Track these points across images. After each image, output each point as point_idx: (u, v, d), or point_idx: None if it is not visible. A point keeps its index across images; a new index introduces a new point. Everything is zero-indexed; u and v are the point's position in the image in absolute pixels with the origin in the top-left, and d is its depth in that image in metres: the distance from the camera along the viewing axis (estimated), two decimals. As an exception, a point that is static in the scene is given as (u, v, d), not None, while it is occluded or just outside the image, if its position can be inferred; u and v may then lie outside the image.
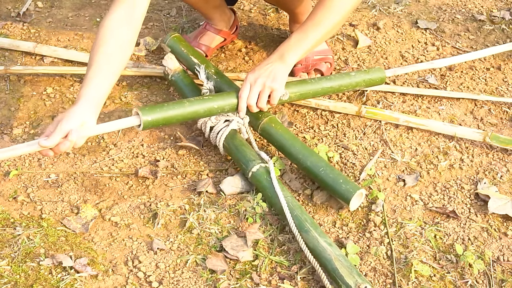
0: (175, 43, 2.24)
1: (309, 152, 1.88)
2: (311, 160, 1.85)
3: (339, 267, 1.56)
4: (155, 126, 1.82)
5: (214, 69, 2.12)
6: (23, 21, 2.64)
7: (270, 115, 1.98)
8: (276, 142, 1.94)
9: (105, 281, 1.65)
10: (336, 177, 1.80)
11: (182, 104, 1.84)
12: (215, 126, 1.96)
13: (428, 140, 2.05)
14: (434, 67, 2.28)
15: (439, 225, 1.78)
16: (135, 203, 1.86)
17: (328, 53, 2.32)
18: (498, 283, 1.63)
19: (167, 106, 1.82)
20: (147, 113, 1.77)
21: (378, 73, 2.13)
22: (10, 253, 1.71)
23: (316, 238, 1.64)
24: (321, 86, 2.04)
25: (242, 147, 1.90)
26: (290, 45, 1.91)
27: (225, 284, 1.63)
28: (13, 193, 1.89)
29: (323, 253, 1.61)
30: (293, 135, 1.94)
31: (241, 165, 1.88)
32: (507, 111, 2.16)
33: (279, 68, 1.90)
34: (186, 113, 1.84)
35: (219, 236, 1.76)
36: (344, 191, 1.77)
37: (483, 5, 2.70)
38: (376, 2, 2.72)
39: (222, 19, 2.38)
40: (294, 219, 1.69)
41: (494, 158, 1.98)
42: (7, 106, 2.22)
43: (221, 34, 2.41)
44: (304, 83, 2.03)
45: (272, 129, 1.95)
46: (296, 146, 1.89)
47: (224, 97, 1.91)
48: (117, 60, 1.79)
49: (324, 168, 1.82)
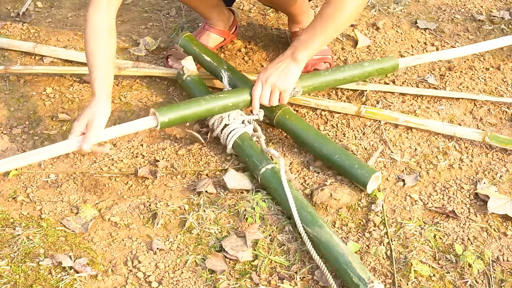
0: (187, 42, 2.27)
1: (324, 141, 1.95)
2: (327, 148, 1.93)
3: (352, 261, 1.58)
4: (171, 125, 1.92)
5: (227, 65, 2.18)
6: (22, 21, 2.64)
7: (284, 107, 2.03)
8: (292, 133, 2.02)
9: (104, 281, 1.65)
10: (352, 163, 1.87)
11: (198, 102, 1.94)
12: (230, 124, 1.98)
13: (427, 140, 2.05)
14: (444, 58, 2.30)
15: (438, 225, 1.78)
16: (134, 203, 1.86)
17: (327, 53, 2.33)
18: (498, 283, 1.63)
19: (183, 105, 1.92)
20: (164, 113, 1.87)
21: (390, 62, 2.17)
22: (10, 253, 1.71)
23: (330, 234, 1.66)
24: (334, 77, 2.09)
25: (254, 146, 1.93)
26: (301, 43, 1.96)
27: (224, 284, 1.63)
28: (13, 193, 1.89)
29: (336, 247, 1.62)
30: (307, 125, 2.01)
31: (251, 165, 1.90)
32: (506, 111, 2.16)
33: (290, 67, 1.97)
34: (201, 111, 1.94)
35: (218, 236, 1.76)
36: (360, 175, 1.84)
37: (483, 5, 2.70)
38: (375, 2, 2.72)
39: (220, 18, 2.39)
40: (308, 215, 1.71)
41: (494, 158, 1.98)
42: (7, 106, 2.22)
43: (220, 34, 2.41)
44: (317, 76, 2.09)
45: (286, 121, 2.02)
46: (310, 135, 1.96)
47: (238, 95, 1.99)
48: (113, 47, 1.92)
49: (339, 155, 1.89)
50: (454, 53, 2.30)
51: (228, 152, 1.99)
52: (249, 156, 1.92)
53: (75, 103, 2.22)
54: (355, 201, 1.85)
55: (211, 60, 2.20)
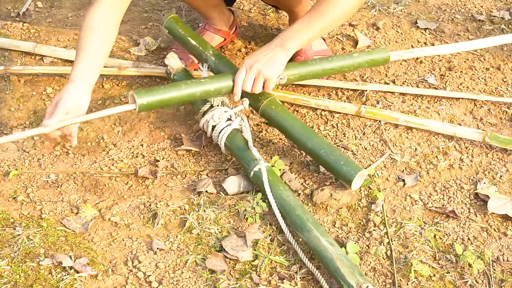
0: (172, 23, 2.22)
1: (310, 134, 1.88)
2: (312, 142, 1.86)
3: (340, 267, 1.56)
4: (150, 109, 1.84)
5: (213, 51, 2.13)
6: (23, 21, 2.64)
7: (270, 97, 1.98)
8: (277, 124, 1.95)
9: (104, 281, 1.65)
10: (337, 159, 1.81)
11: (178, 86, 1.85)
12: (217, 125, 1.96)
13: (427, 140, 2.05)
14: (439, 53, 2.28)
15: (438, 225, 1.78)
16: (135, 203, 1.87)
17: (328, 52, 2.33)
18: (498, 283, 1.63)
19: (163, 89, 1.83)
20: (143, 95, 1.78)
21: (381, 53, 2.11)
22: (10, 253, 1.71)
23: (318, 238, 1.64)
24: (321, 67, 2.03)
25: (244, 146, 1.90)
26: (292, 32, 1.93)
27: (224, 284, 1.63)
28: (13, 193, 1.89)
29: (325, 253, 1.61)
30: (293, 117, 1.94)
31: (243, 165, 1.88)
32: (506, 111, 2.16)
33: (278, 54, 1.91)
34: (182, 95, 1.85)
35: (219, 236, 1.76)
36: (346, 172, 1.79)
37: (483, 5, 2.71)
38: (375, 2, 2.72)
39: (221, 18, 2.39)
40: (296, 219, 1.69)
41: (494, 158, 1.98)
42: (7, 106, 2.22)
43: (221, 33, 2.41)
44: (304, 65, 2.03)
45: (272, 111, 1.96)
46: (296, 128, 1.90)
47: (220, 80, 1.92)
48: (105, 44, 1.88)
49: (325, 150, 1.83)
50: (448, 49, 2.27)
51: (223, 153, 1.99)
52: (239, 159, 1.90)
53: (75, 103, 2.22)
54: (355, 201, 1.85)
55: (197, 44, 2.15)
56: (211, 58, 2.09)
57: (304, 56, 2.28)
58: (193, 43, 2.17)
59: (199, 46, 2.15)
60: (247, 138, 1.90)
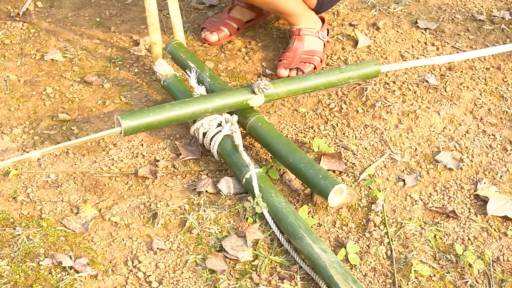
0: (176, 49, 2.22)
1: (292, 149, 1.85)
2: (293, 156, 1.83)
3: (334, 274, 1.55)
4: (136, 133, 1.85)
5: (209, 72, 2.11)
6: (23, 21, 2.64)
7: (258, 114, 1.98)
8: (262, 140, 1.93)
9: (104, 281, 1.65)
10: (316, 173, 1.78)
11: (163, 108, 1.86)
12: (207, 132, 1.95)
13: (427, 140, 2.05)
14: (433, 63, 2.25)
15: (439, 225, 1.78)
16: (135, 203, 1.86)
17: (318, 54, 2.29)
18: (498, 283, 1.63)
19: (147, 112, 1.84)
20: (127, 119, 1.80)
21: (371, 66, 2.09)
22: (10, 253, 1.71)
23: (310, 245, 1.62)
24: (308, 83, 2.01)
25: (235, 153, 1.89)
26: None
27: (225, 284, 1.63)
28: (13, 193, 1.89)
29: (318, 260, 1.59)
30: (279, 133, 1.92)
31: (235, 172, 1.88)
32: (507, 111, 2.16)
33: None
34: (168, 117, 1.86)
35: (219, 236, 1.76)
36: (322, 186, 1.75)
37: (483, 5, 2.70)
38: (376, 2, 2.72)
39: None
40: (288, 226, 1.69)
41: (494, 158, 1.98)
42: (7, 106, 2.22)
43: (252, 9, 2.29)
44: (291, 80, 2.01)
45: (258, 128, 1.94)
46: (280, 144, 1.88)
47: (206, 100, 1.91)
48: None
49: (305, 164, 1.80)
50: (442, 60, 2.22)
51: (217, 160, 1.98)
52: (231, 166, 1.90)
53: (75, 103, 2.22)
54: (355, 201, 1.85)
55: (195, 67, 2.14)
56: (206, 80, 2.08)
57: (293, 54, 2.25)
58: (192, 66, 2.14)
59: (197, 68, 2.13)
60: (238, 144, 1.88)
